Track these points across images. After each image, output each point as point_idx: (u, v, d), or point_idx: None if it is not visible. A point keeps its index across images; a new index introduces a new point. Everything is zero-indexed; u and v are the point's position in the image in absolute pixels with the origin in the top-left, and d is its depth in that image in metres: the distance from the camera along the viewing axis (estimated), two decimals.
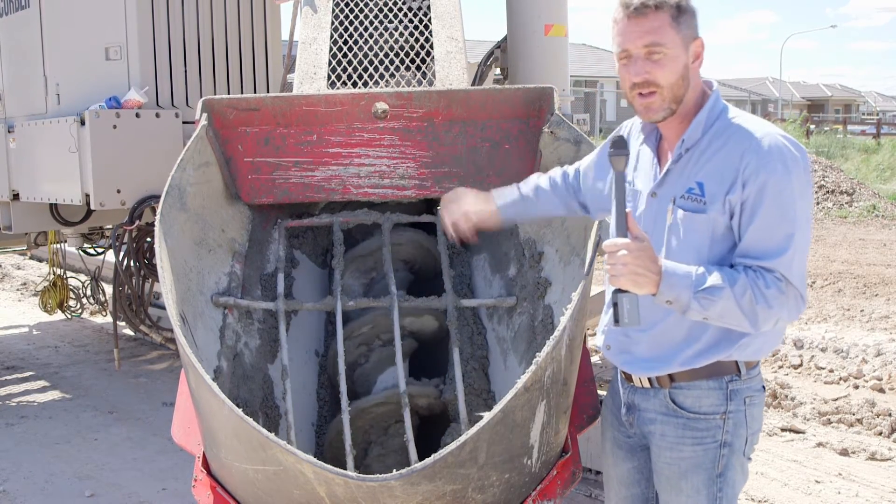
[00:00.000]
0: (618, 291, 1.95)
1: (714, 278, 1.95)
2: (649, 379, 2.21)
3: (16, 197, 5.66)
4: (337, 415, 2.99)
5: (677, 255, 2.07)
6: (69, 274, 8.30)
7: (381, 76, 3.77)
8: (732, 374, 2.14)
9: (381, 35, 3.94)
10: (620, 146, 2.04)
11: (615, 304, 1.94)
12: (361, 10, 4.03)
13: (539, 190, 2.59)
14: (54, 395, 6.28)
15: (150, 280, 5.24)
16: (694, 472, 2.18)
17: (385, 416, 3.07)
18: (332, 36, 3.88)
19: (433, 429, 3.11)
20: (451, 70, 3.70)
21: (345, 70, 3.77)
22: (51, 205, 5.53)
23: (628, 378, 2.30)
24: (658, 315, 2.14)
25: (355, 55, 3.85)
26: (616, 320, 1.95)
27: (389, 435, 3.10)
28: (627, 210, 1.99)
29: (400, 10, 4.03)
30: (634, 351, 2.23)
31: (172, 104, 5.17)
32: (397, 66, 3.82)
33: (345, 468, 2.60)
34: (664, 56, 2.01)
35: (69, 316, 8.45)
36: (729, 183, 2.01)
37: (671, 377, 2.17)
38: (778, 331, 2.15)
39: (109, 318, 7.38)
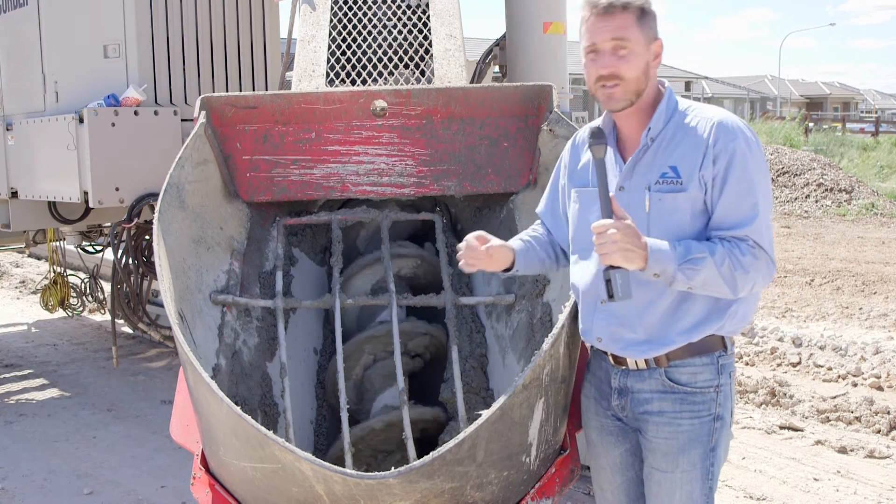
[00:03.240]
0: (609, 269, 2.06)
1: (695, 249, 2.10)
2: (646, 360, 2.28)
3: (14, 195, 5.66)
4: (338, 435, 2.95)
5: (660, 237, 2.16)
6: (68, 272, 8.30)
7: (380, 74, 3.77)
8: (721, 349, 2.27)
9: (379, 33, 3.93)
10: (599, 136, 2.21)
11: (608, 281, 2.05)
12: (360, 8, 4.02)
13: (536, 238, 2.57)
14: (53, 392, 6.28)
15: (149, 278, 5.24)
16: (691, 446, 2.26)
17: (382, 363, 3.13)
18: (330, 34, 3.88)
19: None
20: (450, 68, 3.70)
21: (343, 68, 3.77)
22: (49, 202, 5.53)
23: (619, 363, 2.34)
24: (649, 295, 2.22)
25: (354, 53, 3.84)
26: (610, 295, 2.06)
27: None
28: (611, 194, 2.13)
29: (399, 7, 4.02)
30: (628, 337, 2.28)
31: (171, 102, 5.16)
32: (396, 64, 3.82)
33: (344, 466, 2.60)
34: (629, 52, 2.18)
35: (71, 314, 8.45)
36: (700, 160, 2.16)
37: (667, 356, 2.25)
38: (755, 297, 2.30)
39: (108, 316, 7.38)
